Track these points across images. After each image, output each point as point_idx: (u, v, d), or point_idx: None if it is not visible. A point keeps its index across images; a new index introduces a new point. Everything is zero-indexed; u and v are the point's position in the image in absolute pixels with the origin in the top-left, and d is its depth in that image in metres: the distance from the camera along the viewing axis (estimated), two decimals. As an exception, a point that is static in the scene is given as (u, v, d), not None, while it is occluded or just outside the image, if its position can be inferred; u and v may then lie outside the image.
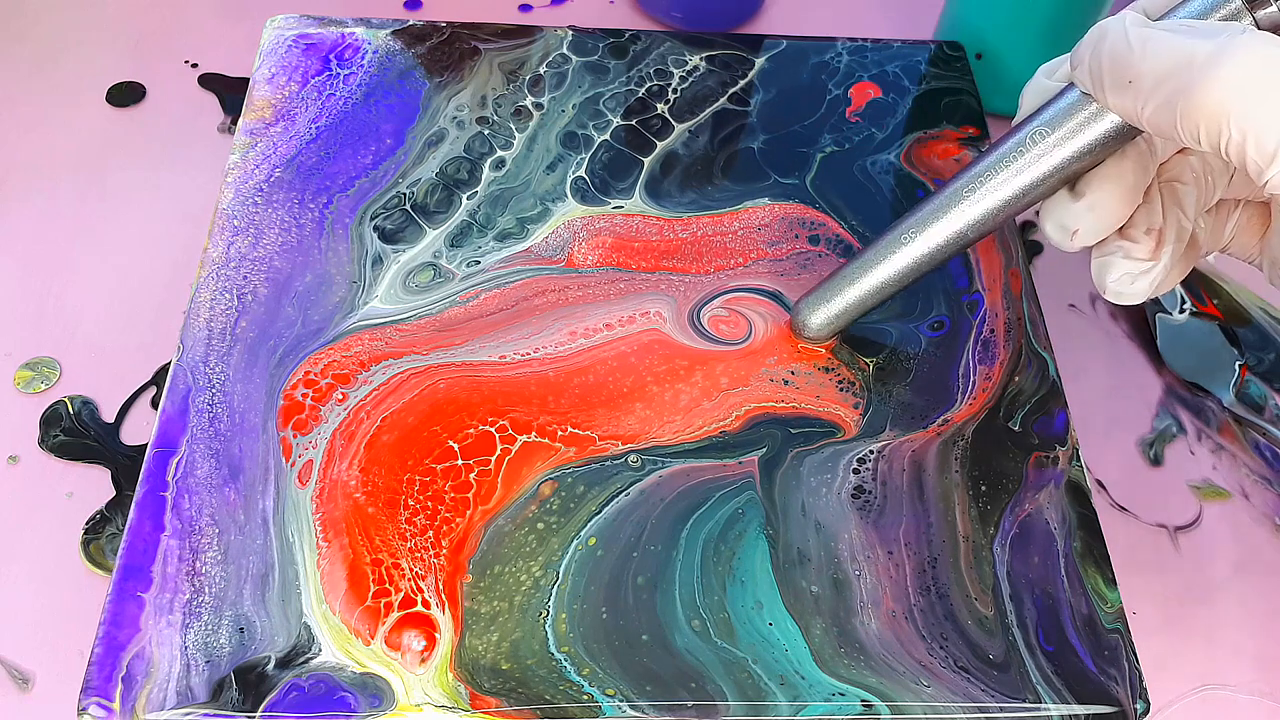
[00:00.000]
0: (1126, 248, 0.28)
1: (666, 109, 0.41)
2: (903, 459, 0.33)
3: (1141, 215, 0.28)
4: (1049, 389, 0.34)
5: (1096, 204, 0.27)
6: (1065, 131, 0.27)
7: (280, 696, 0.27)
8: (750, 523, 0.31)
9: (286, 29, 0.41)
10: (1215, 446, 0.40)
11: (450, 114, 0.40)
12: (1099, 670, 0.29)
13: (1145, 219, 0.28)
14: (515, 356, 0.34)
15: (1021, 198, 0.29)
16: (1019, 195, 0.29)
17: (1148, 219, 0.28)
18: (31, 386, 0.38)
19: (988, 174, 0.29)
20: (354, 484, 0.31)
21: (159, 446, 0.31)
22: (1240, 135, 0.23)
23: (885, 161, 0.40)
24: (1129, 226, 0.28)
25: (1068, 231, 0.28)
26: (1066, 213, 0.28)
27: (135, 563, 0.29)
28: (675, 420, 0.33)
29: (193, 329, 0.33)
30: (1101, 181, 0.27)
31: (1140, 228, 0.28)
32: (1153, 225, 0.28)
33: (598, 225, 0.37)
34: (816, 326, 0.34)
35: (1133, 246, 0.28)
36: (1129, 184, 0.27)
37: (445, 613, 0.29)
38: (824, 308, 0.34)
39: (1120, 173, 0.27)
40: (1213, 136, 0.23)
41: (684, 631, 0.29)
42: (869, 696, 0.28)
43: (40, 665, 0.33)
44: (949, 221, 0.30)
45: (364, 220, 0.36)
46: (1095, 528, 0.32)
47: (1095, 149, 0.27)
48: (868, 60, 0.43)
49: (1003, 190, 0.29)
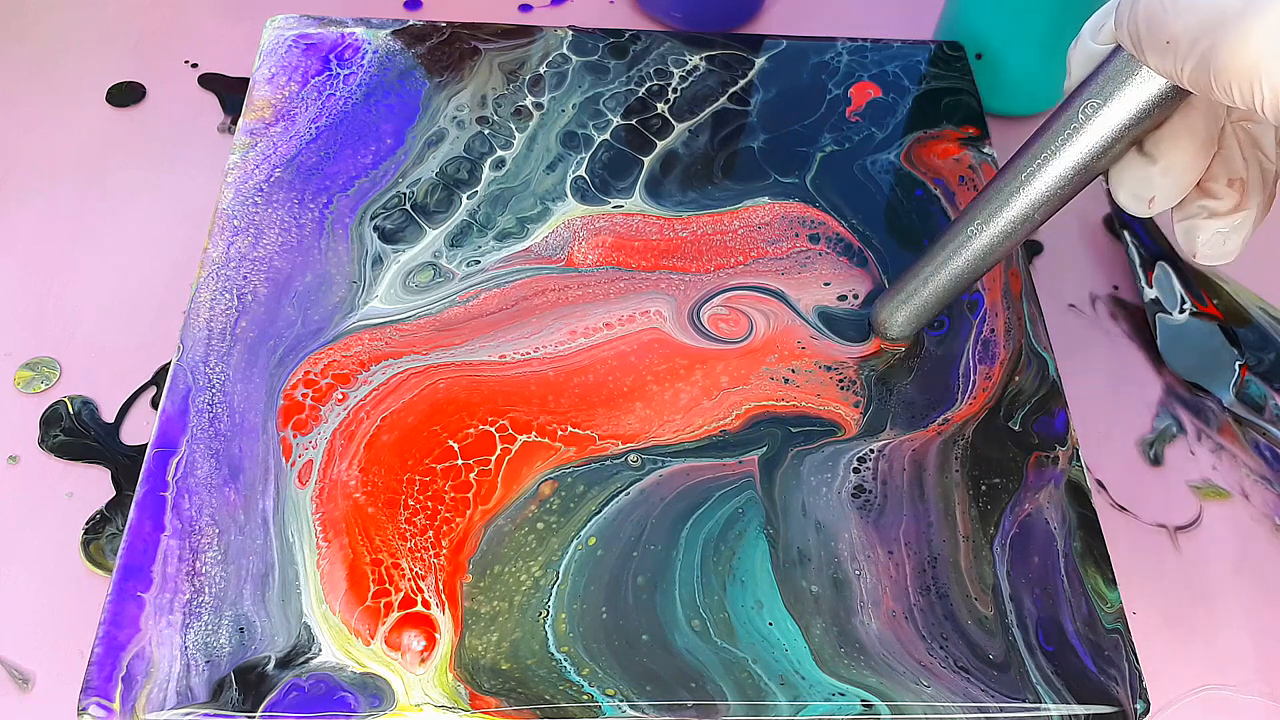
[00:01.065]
0: (1211, 206, 0.26)
1: (666, 109, 0.41)
2: (903, 458, 0.33)
3: (1219, 166, 0.26)
4: (1049, 389, 0.34)
5: (1170, 165, 0.25)
6: (1119, 99, 0.26)
7: (280, 696, 0.27)
8: (750, 522, 0.31)
9: (286, 29, 0.41)
10: (1215, 446, 0.40)
11: (450, 114, 0.40)
12: (1099, 670, 0.29)
13: (1224, 169, 0.26)
14: (515, 356, 0.34)
15: (1084, 172, 0.28)
16: (1080, 170, 0.28)
17: (1227, 169, 0.26)
18: (31, 386, 0.38)
19: (1045, 153, 0.28)
20: (354, 484, 0.31)
21: (159, 446, 0.31)
22: (1273, 94, 0.21)
23: (885, 161, 0.40)
24: (1208, 180, 0.26)
25: (1143, 200, 0.26)
26: (1140, 179, 0.26)
27: (135, 563, 0.29)
28: (675, 419, 0.33)
29: (193, 329, 0.33)
30: (1172, 140, 0.25)
31: (1221, 180, 0.26)
32: (1234, 175, 0.26)
33: (598, 225, 0.37)
34: (900, 324, 0.34)
35: (1217, 203, 0.26)
36: (1201, 138, 0.25)
37: (445, 613, 0.29)
38: (905, 306, 0.33)
39: (1189, 127, 0.25)
40: (1247, 96, 0.22)
41: (684, 631, 0.29)
42: (869, 696, 0.28)
43: (40, 665, 0.33)
44: (1013, 207, 0.30)
45: (364, 220, 0.36)
46: (1095, 528, 0.32)
47: (1153, 110, 0.26)
48: (868, 60, 0.43)
49: (1061, 167, 0.28)
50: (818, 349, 0.35)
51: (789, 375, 0.34)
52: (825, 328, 0.35)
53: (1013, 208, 0.30)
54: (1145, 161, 0.26)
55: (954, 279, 0.32)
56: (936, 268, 0.32)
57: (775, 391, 0.34)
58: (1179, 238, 0.27)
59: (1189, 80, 0.23)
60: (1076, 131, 0.27)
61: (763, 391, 0.34)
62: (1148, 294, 0.42)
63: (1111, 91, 0.26)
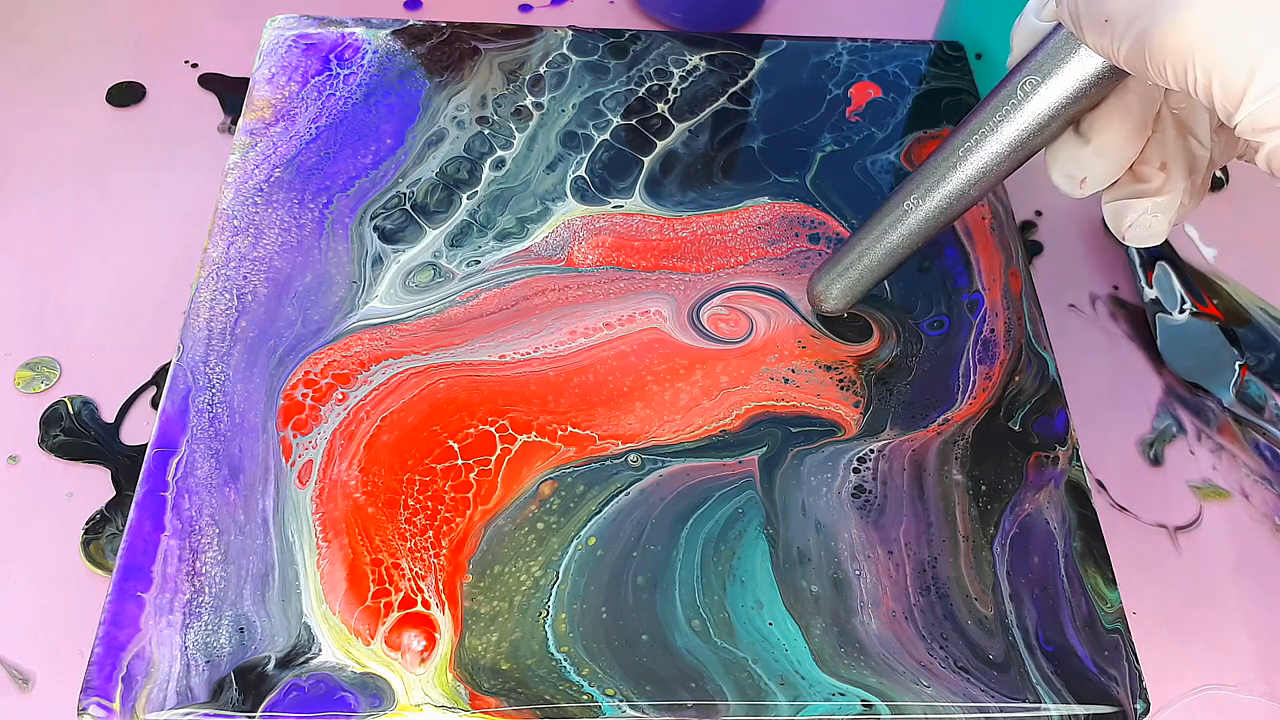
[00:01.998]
0: (1140, 188, 0.26)
1: (666, 109, 0.41)
2: (903, 458, 0.33)
3: (1153, 149, 0.26)
4: (1049, 389, 0.34)
5: (1104, 146, 0.25)
6: (1058, 76, 0.26)
7: (280, 696, 0.27)
8: (750, 522, 0.31)
9: (286, 29, 0.41)
10: (1215, 446, 0.40)
11: (450, 114, 0.40)
12: (1099, 670, 0.29)
13: (1158, 153, 0.26)
14: (515, 356, 0.34)
15: (1020, 149, 0.28)
16: (1016, 147, 0.28)
17: (1160, 152, 0.26)
18: (31, 386, 0.38)
19: (982, 129, 0.28)
20: (354, 484, 0.31)
21: (159, 446, 0.31)
22: (1206, 78, 0.21)
23: (885, 161, 0.40)
24: (1140, 163, 0.26)
25: (1075, 180, 0.26)
26: (1073, 159, 0.26)
27: (135, 563, 0.29)
28: (675, 419, 0.33)
29: (193, 329, 0.33)
30: (1107, 121, 0.25)
31: (1153, 163, 0.26)
32: (1166, 158, 0.26)
33: (598, 224, 0.37)
34: (835, 297, 0.34)
35: (1146, 186, 0.26)
36: (1136, 120, 0.25)
37: (445, 613, 0.29)
38: (841, 279, 0.34)
39: (1125, 109, 0.25)
40: (1180, 77, 0.22)
41: (684, 631, 0.29)
42: (869, 696, 0.28)
43: (40, 665, 0.33)
44: (950, 182, 0.30)
45: (364, 220, 0.36)
46: (1095, 528, 0.32)
47: (1090, 90, 0.26)
48: (868, 60, 0.43)
49: (998, 144, 0.28)
50: (818, 349, 0.35)
51: (789, 375, 0.34)
52: (825, 328, 0.35)
53: (949, 183, 0.30)
54: (1080, 142, 0.26)
55: (889, 253, 0.32)
56: (872, 242, 0.32)
57: (775, 391, 0.34)
58: (1108, 219, 0.27)
59: (1125, 60, 0.23)
60: (1015, 108, 0.27)
61: (763, 391, 0.34)
62: (1148, 294, 0.42)
63: (1050, 69, 0.26)
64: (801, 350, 0.35)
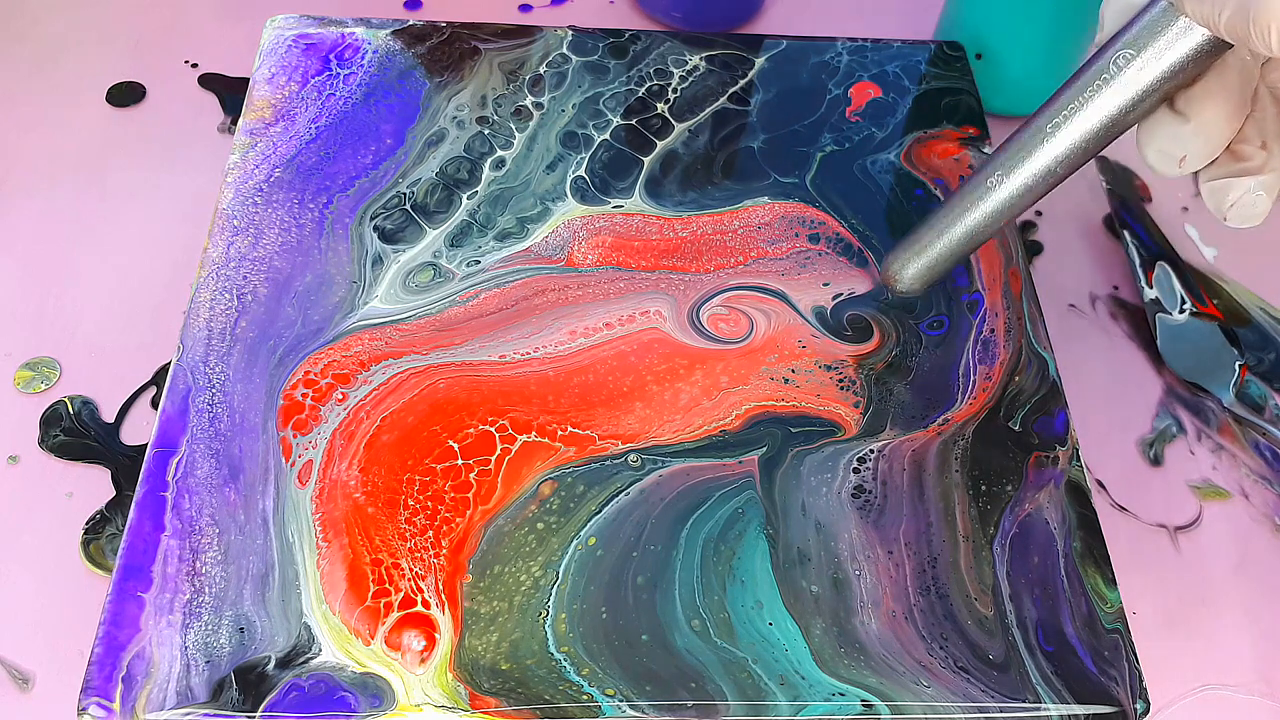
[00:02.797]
0: (1242, 166, 0.25)
1: (666, 109, 0.41)
2: (903, 459, 0.33)
3: (1252, 127, 0.25)
4: (1049, 389, 0.34)
5: (1204, 125, 0.25)
6: (1154, 49, 0.25)
7: (280, 696, 0.27)
8: (750, 522, 0.31)
9: (286, 29, 0.41)
10: (1215, 446, 0.40)
11: (450, 114, 0.40)
12: (1099, 670, 0.29)
13: (1257, 131, 0.25)
14: (515, 356, 0.34)
15: (1112, 125, 0.27)
16: (1108, 123, 0.27)
17: (1259, 130, 0.25)
18: (31, 386, 0.38)
19: (1072, 104, 0.27)
20: (354, 484, 0.31)
21: (159, 446, 0.31)
22: None
23: (885, 161, 0.40)
24: (1240, 141, 0.25)
25: (1174, 159, 0.25)
26: (1171, 137, 0.25)
27: (135, 563, 0.29)
28: (675, 419, 0.33)
29: (193, 329, 0.33)
30: (1206, 98, 0.25)
31: (1254, 141, 0.25)
32: (1266, 135, 0.25)
33: (598, 225, 0.37)
34: (910, 278, 0.34)
35: (1248, 164, 0.25)
36: (1236, 97, 0.25)
37: (445, 613, 0.29)
38: (919, 259, 0.33)
39: (1224, 86, 0.24)
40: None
41: (684, 631, 0.29)
42: (869, 696, 0.28)
43: (40, 665, 0.33)
44: (1036, 160, 0.29)
45: (364, 220, 0.36)
46: (1095, 528, 0.32)
47: (1188, 64, 0.25)
48: (868, 60, 0.43)
49: (1090, 119, 0.27)
50: (818, 349, 0.35)
51: (789, 375, 0.34)
52: (825, 328, 0.35)
53: (1036, 160, 0.29)
54: (1177, 119, 0.25)
55: (970, 232, 0.31)
56: (953, 220, 0.31)
57: (775, 391, 0.34)
58: (1206, 199, 0.26)
59: (1226, 26, 0.22)
60: (1107, 83, 0.26)
61: (763, 391, 0.34)
62: (1148, 294, 0.42)
63: (1146, 42, 0.25)
64: (801, 350, 0.35)
